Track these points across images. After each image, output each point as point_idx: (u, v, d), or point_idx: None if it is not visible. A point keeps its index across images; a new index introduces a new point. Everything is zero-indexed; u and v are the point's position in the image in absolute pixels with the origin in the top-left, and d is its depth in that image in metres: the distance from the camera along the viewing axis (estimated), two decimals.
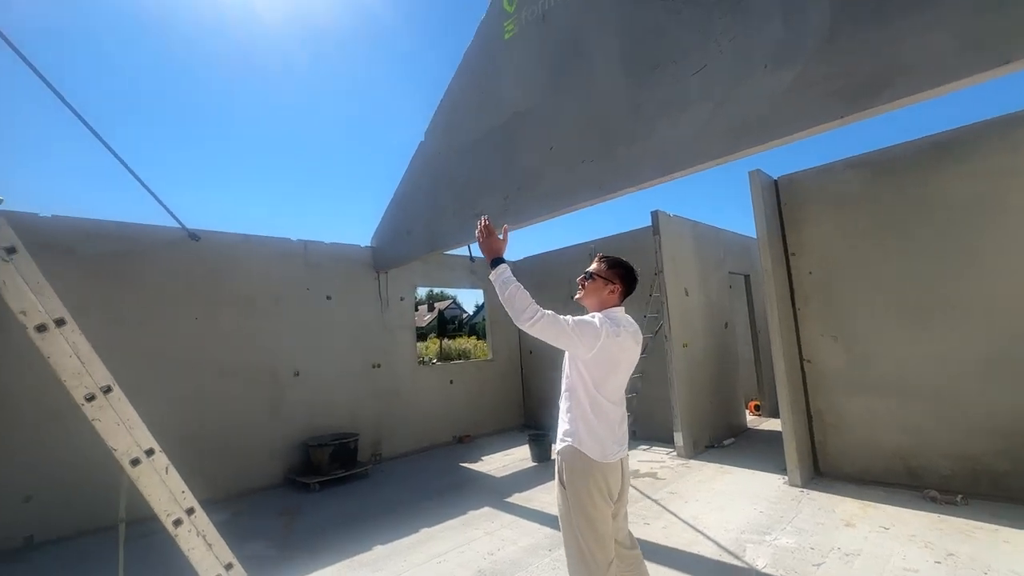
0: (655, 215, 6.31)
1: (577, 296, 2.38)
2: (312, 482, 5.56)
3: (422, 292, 44.43)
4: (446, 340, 24.24)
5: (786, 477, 4.80)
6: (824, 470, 4.93)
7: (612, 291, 2.25)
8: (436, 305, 47.04)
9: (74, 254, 4.90)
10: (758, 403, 8.16)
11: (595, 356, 2.05)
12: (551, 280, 8.62)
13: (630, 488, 2.40)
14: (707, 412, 6.44)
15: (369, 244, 7.30)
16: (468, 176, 5.60)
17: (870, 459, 4.68)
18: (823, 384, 4.99)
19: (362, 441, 6.58)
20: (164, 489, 1.91)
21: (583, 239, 8.23)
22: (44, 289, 1.75)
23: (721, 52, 3.41)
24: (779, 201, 5.31)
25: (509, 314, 2.07)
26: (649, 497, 4.62)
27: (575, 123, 4.41)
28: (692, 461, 5.76)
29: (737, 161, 3.53)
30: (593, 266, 2.32)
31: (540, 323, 2.01)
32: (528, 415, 8.84)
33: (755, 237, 5.24)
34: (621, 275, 2.27)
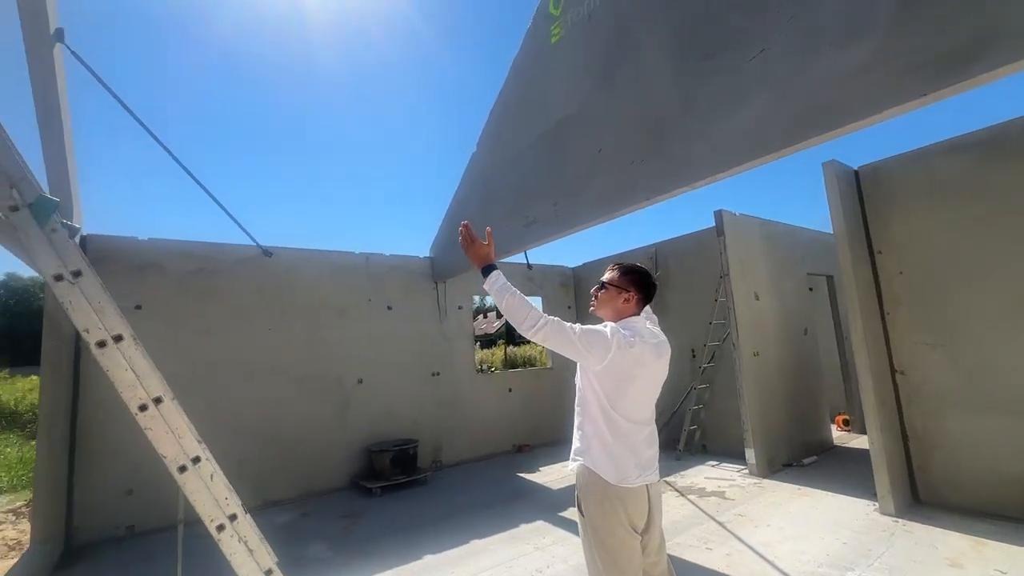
0: (719, 215, 5.92)
1: (592, 308, 2.27)
2: (374, 487, 5.74)
3: (491, 299, 45.00)
4: (512, 347, 24.35)
5: (876, 504, 4.25)
6: (924, 498, 4.32)
7: (627, 299, 2.12)
8: None
9: (167, 272, 5.45)
10: (847, 417, 7.36)
11: (606, 368, 1.89)
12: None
13: (692, 507, 2.20)
14: (783, 427, 5.90)
15: (428, 255, 7.49)
16: (517, 184, 5.57)
17: (984, 487, 4.03)
18: (920, 399, 4.38)
19: (422, 448, 6.72)
20: (208, 495, 2.01)
21: (647, 242, 7.90)
22: (106, 308, 1.92)
23: (780, 33, 3.12)
24: (860, 193, 4.76)
25: (511, 323, 1.96)
26: (714, 519, 4.28)
27: (624, 123, 4.23)
28: (766, 481, 5.28)
29: (804, 152, 3.20)
30: (606, 275, 2.20)
31: (544, 330, 1.88)
32: None
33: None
34: (635, 281, 2.13)
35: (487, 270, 2.07)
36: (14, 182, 1.85)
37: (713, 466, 6.01)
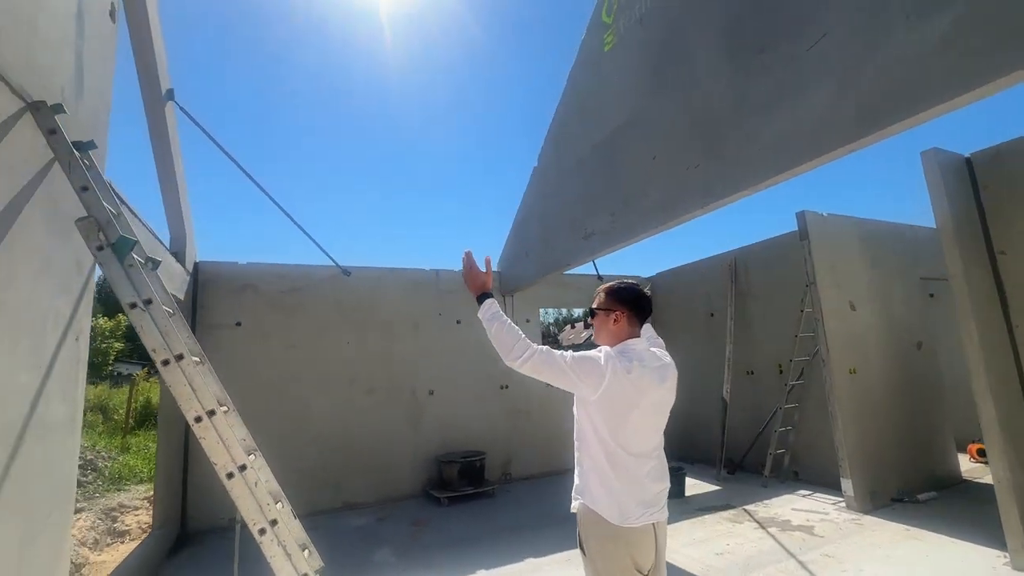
0: (801, 217, 5.36)
1: (592, 338, 2.17)
2: (442, 496, 5.91)
3: (578, 310, 44.57)
4: None
5: (1006, 556, 3.53)
6: None
7: (616, 319, 2.00)
8: (592, 322, 46.69)
9: (261, 292, 6.12)
10: (982, 447, 6.21)
11: (601, 397, 1.79)
12: (688, 296, 7.94)
13: (771, 542, 2.02)
14: (891, 455, 5.13)
15: (495, 270, 7.63)
16: (576, 196, 5.50)
17: None
18: None
19: (491, 460, 6.80)
20: (252, 501, 2.21)
21: (726, 249, 7.38)
22: (170, 331, 2.21)
23: (844, 13, 2.79)
24: (975, 185, 4.05)
25: (498, 352, 1.88)
26: (795, 557, 3.83)
27: (678, 128, 4.02)
28: (867, 517, 4.62)
29: (883, 141, 2.81)
30: (594, 302, 2.10)
31: (532, 361, 1.81)
32: (669, 442, 8.12)
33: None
34: (621, 299, 2.02)
35: (482, 298, 2.03)
36: (101, 226, 2.22)
37: (804, 496, 5.39)
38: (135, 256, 2.29)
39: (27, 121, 2.22)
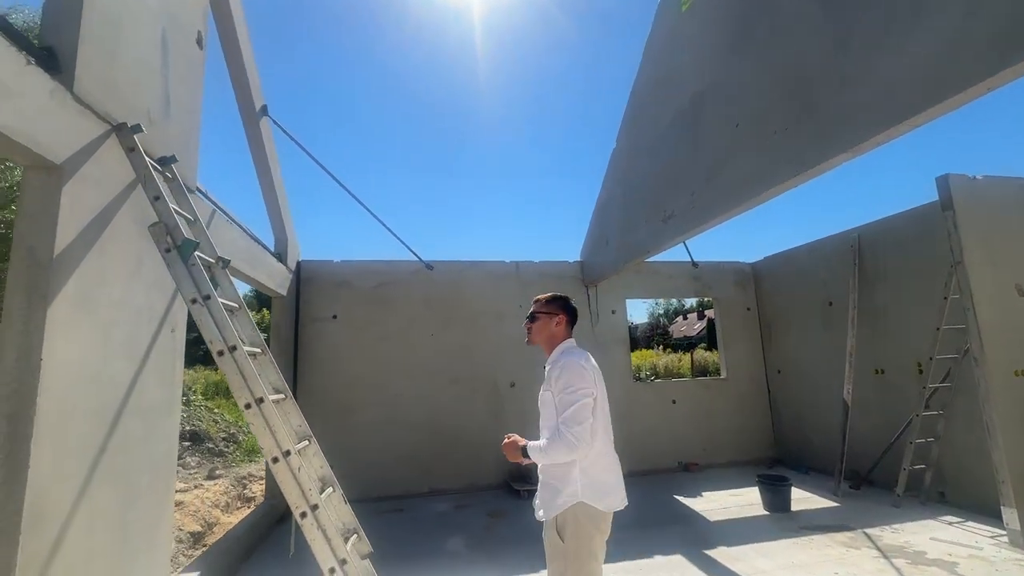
0: (944, 182, 4.36)
1: (527, 341, 2.44)
2: (522, 489, 5.88)
3: (690, 300, 42.05)
4: (706, 351, 22.18)
5: None
6: None
7: (559, 322, 2.34)
8: (707, 313, 43.62)
9: (354, 287, 6.57)
10: None
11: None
12: (800, 283, 6.99)
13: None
14: None
15: (578, 260, 7.37)
16: (655, 176, 5.06)
17: None
18: None
19: None
20: (295, 485, 2.32)
21: (845, 227, 6.33)
22: (225, 324, 2.40)
23: None
24: None
25: (562, 461, 2.01)
26: None
27: (763, 88, 3.47)
28: None
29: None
30: (532, 308, 2.39)
31: (581, 442, 1.94)
32: (780, 447, 7.26)
33: None
34: (561, 305, 2.35)
35: (524, 453, 2.12)
36: (169, 230, 2.48)
37: (950, 524, 4.42)
38: (199, 256, 2.53)
39: (115, 140, 2.55)
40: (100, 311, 2.42)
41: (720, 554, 3.97)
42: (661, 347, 23.01)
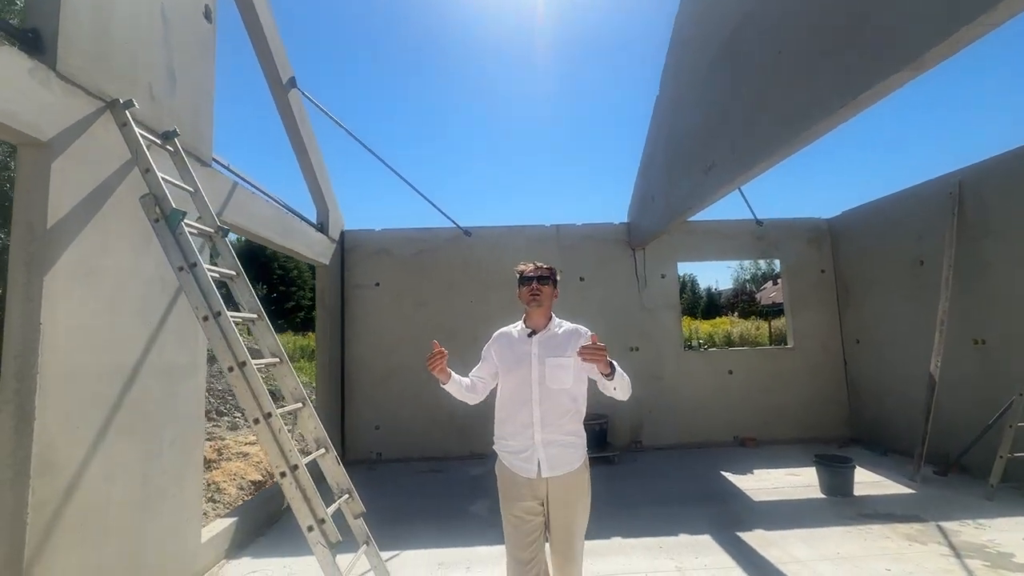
0: None
1: (532, 300, 2.22)
2: None
3: (764, 264, 38.86)
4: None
5: None
6: None
7: (556, 294, 2.34)
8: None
9: (394, 255, 6.69)
10: None
11: None
12: (884, 239, 6.09)
13: None
14: None
15: (624, 221, 6.92)
16: (696, 124, 4.53)
17: None
18: None
19: (617, 425, 6.39)
20: (275, 446, 2.39)
21: (941, 172, 5.32)
22: (210, 291, 2.48)
23: None
24: None
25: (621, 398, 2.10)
26: None
27: (808, 6, 2.88)
28: None
29: None
30: (542, 272, 2.26)
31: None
32: (856, 424, 6.51)
33: None
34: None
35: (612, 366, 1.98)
36: (158, 201, 2.57)
37: None
38: (195, 225, 2.62)
39: (111, 116, 2.66)
40: (105, 280, 2.59)
41: (755, 537, 3.63)
42: (737, 314, 21.46)
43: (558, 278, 2.33)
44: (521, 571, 2.02)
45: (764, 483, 4.91)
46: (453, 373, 2.27)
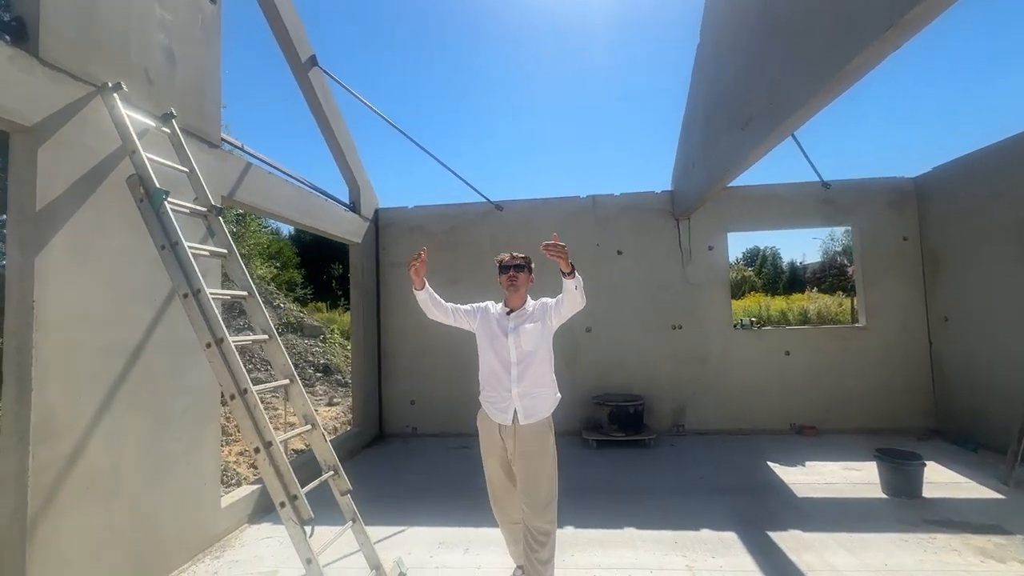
0: None
1: (511, 286, 2.72)
2: (591, 439, 5.58)
3: (839, 231, 34.92)
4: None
5: None
6: None
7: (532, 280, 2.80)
8: None
9: (427, 231, 6.65)
10: None
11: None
12: (980, 200, 5.17)
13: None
14: None
15: (666, 189, 6.38)
16: (734, 75, 3.99)
17: None
18: None
19: (656, 408, 6.03)
20: (249, 423, 2.40)
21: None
22: (189, 270, 2.50)
23: None
24: None
25: (582, 300, 2.55)
26: None
27: None
28: None
29: None
30: (519, 261, 2.74)
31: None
32: (942, 415, 5.66)
33: None
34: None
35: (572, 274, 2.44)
36: (143, 181, 2.63)
37: None
38: (175, 204, 2.66)
39: (101, 100, 2.75)
40: (103, 260, 2.70)
41: (788, 538, 3.24)
42: (816, 289, 19.48)
43: (533, 266, 2.79)
44: (500, 510, 2.72)
45: (814, 477, 4.40)
46: (429, 287, 2.86)
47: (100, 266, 2.70)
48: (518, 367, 2.57)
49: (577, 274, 2.44)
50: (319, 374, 9.39)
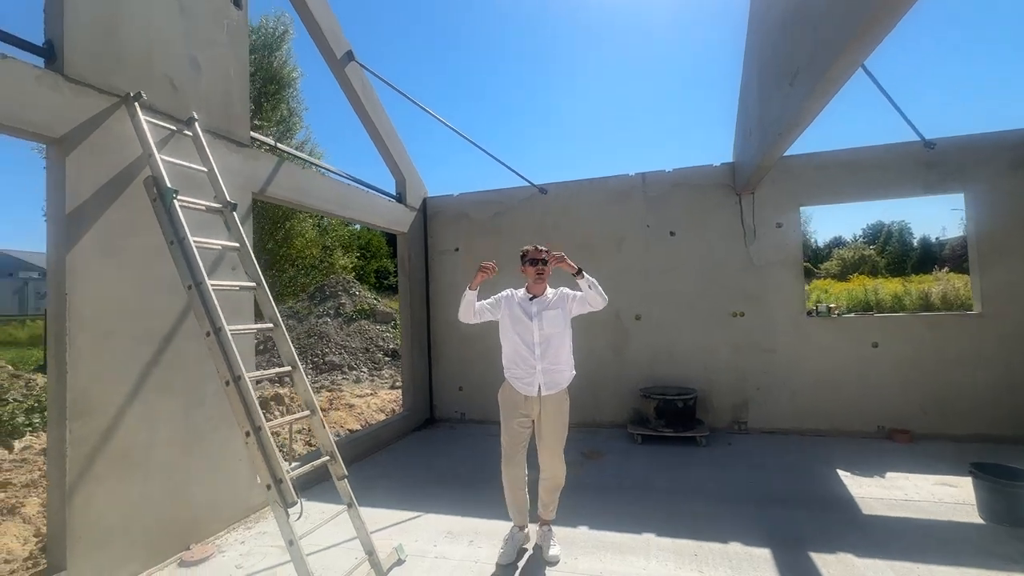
0: None
1: (539, 279, 3.12)
2: (636, 433, 5.26)
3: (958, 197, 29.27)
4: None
5: None
6: None
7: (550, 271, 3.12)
8: None
9: (472, 219, 6.63)
10: None
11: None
12: None
13: None
14: None
15: (727, 161, 5.74)
16: (784, 27, 3.42)
17: None
18: None
19: (712, 402, 5.53)
20: (242, 407, 2.51)
21: None
22: (194, 263, 2.67)
23: None
24: None
25: (600, 300, 2.97)
26: None
27: None
28: None
29: None
30: (542, 256, 3.12)
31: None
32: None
33: None
34: None
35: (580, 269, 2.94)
36: (156, 182, 2.83)
37: None
38: (188, 201, 2.85)
39: (126, 110, 3.00)
40: (130, 256, 2.96)
41: (834, 563, 2.77)
42: (947, 269, 16.55)
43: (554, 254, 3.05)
44: (510, 462, 3.06)
45: (894, 491, 3.75)
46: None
47: (129, 261, 2.97)
48: (540, 347, 2.97)
49: (587, 274, 2.92)
50: (387, 358, 9.88)
